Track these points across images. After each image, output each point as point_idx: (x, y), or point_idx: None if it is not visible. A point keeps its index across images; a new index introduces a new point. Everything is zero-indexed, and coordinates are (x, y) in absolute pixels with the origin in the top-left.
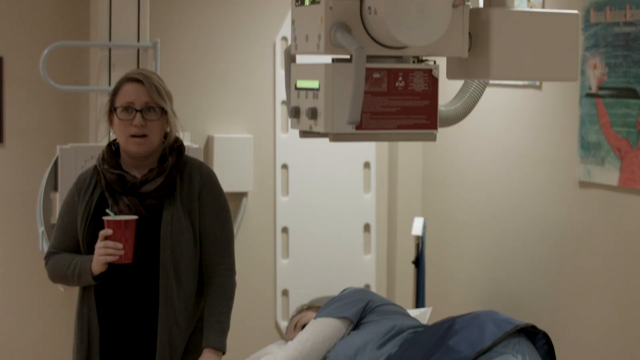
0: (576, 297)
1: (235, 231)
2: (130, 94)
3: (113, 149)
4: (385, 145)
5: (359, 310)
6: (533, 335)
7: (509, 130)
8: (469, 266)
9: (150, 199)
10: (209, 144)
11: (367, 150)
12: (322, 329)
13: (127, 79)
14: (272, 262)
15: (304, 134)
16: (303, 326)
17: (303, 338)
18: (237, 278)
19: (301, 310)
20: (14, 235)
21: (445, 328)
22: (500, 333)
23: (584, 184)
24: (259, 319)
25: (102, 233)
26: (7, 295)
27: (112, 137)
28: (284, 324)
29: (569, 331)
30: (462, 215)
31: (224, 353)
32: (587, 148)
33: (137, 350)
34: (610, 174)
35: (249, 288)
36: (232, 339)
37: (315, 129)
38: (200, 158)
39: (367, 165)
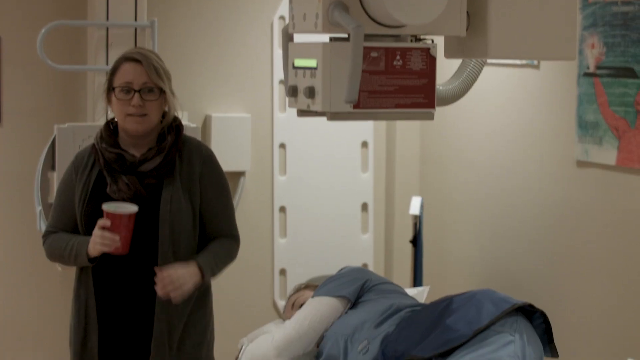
0: (574, 276)
1: None
2: (129, 73)
3: (111, 128)
4: (383, 124)
5: (356, 289)
6: (530, 314)
7: (506, 109)
8: (466, 245)
9: (150, 177)
10: (206, 124)
11: (364, 129)
12: (319, 308)
13: (126, 59)
14: (269, 241)
15: (302, 112)
16: (300, 305)
17: (300, 317)
18: (237, 258)
19: (299, 289)
20: (11, 215)
21: (443, 307)
22: (498, 312)
23: (581, 164)
24: (257, 298)
25: (100, 223)
26: (5, 275)
27: (110, 115)
28: (281, 303)
29: (566, 310)
30: (460, 195)
31: (203, 279)
32: (585, 127)
33: (134, 330)
34: (608, 154)
35: (247, 267)
36: (229, 317)
37: (312, 108)
38: (198, 137)
39: (364, 144)
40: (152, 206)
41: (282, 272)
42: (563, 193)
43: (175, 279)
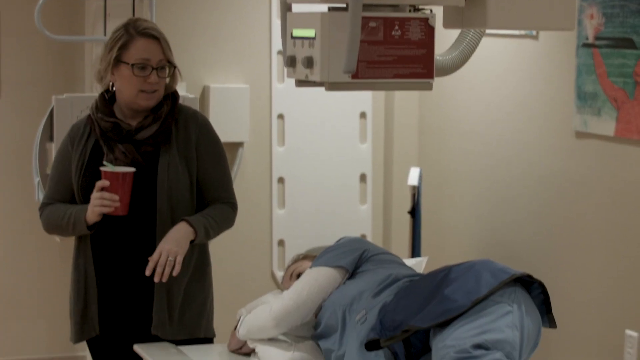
0: (572, 247)
1: None
2: (146, 50)
3: (106, 98)
4: (381, 95)
5: (354, 259)
6: (529, 284)
7: (505, 80)
8: (465, 216)
9: (146, 145)
10: (204, 94)
11: (363, 100)
12: (317, 278)
13: (141, 34)
14: (268, 212)
15: (300, 83)
16: (299, 275)
17: (299, 287)
18: (234, 229)
19: (297, 259)
20: (10, 186)
21: (441, 277)
22: (496, 282)
23: (580, 134)
24: (255, 268)
25: (99, 184)
26: (4, 246)
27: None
28: (280, 274)
29: (564, 281)
30: (459, 165)
31: (195, 239)
32: (584, 98)
33: (134, 299)
34: (606, 124)
35: (245, 238)
36: (228, 288)
37: (311, 78)
38: (196, 108)
39: (363, 115)
40: (150, 174)
41: (281, 242)
42: (561, 164)
43: (165, 259)
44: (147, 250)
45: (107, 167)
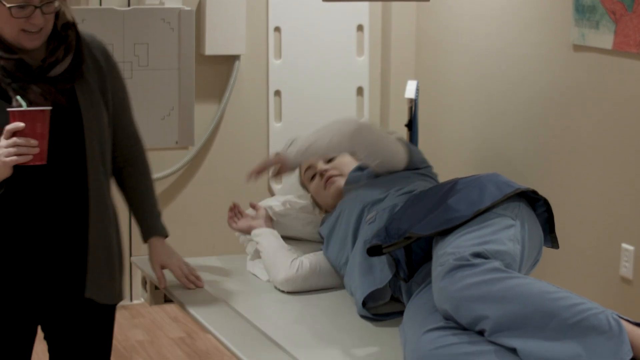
0: (568, 160)
1: (227, 95)
2: None
3: None
4: (378, 7)
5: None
6: (534, 201)
7: None
8: (461, 128)
9: (62, 82)
10: (200, 6)
11: (360, 12)
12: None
13: None
14: (265, 125)
15: None
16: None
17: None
18: (232, 143)
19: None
20: None
21: (447, 188)
22: (500, 195)
23: (577, 47)
24: (252, 182)
25: (10, 128)
26: None
27: None
28: (277, 187)
29: (561, 195)
30: (455, 78)
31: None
32: (582, 11)
33: (67, 258)
34: (604, 38)
35: (243, 152)
36: (225, 201)
37: None
38: (193, 21)
39: (360, 28)
40: (71, 115)
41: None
42: (559, 76)
43: (189, 272)
44: (75, 210)
45: (16, 106)
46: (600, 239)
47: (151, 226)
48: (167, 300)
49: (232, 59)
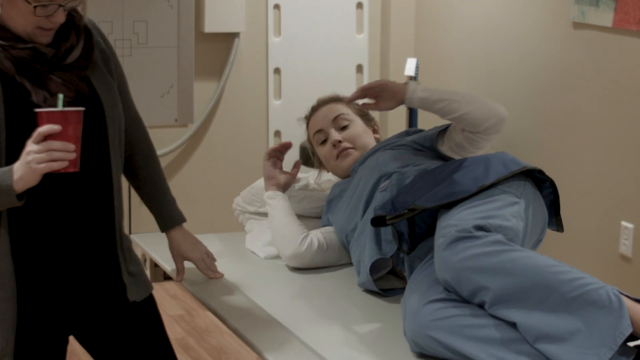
0: (567, 138)
1: (226, 73)
2: None
3: None
4: None
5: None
6: (540, 182)
7: None
8: None
9: (77, 69)
10: None
11: None
12: None
13: None
14: (264, 103)
15: None
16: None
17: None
18: (231, 120)
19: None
20: None
21: (455, 165)
22: (506, 172)
23: (577, 25)
24: (252, 159)
25: (43, 130)
26: None
27: None
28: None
29: (560, 173)
30: (455, 56)
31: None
32: None
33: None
34: (604, 15)
35: (242, 129)
36: (225, 178)
37: None
38: None
39: (359, 5)
40: (91, 106)
41: (277, 133)
42: (558, 54)
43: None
44: (101, 208)
45: (45, 107)
46: (599, 217)
47: (169, 216)
48: (167, 277)
49: (231, 37)
